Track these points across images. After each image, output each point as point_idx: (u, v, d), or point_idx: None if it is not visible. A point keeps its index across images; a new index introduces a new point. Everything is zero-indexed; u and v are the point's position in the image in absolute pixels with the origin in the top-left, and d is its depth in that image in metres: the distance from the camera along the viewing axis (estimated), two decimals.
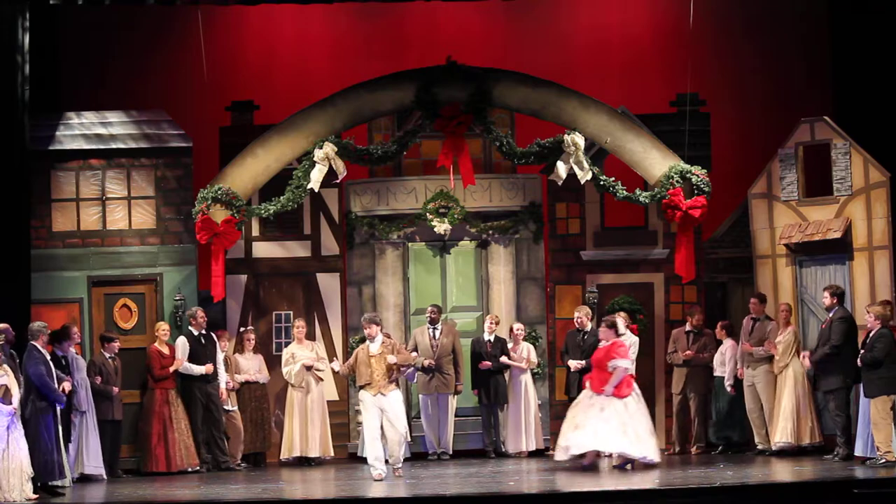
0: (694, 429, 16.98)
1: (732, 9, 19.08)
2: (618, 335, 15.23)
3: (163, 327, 16.50)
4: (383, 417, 14.53)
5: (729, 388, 16.70)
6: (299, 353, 16.95)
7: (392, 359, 14.54)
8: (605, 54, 19.38)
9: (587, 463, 14.92)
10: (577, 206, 17.91)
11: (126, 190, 17.18)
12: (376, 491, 14.02)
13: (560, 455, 14.99)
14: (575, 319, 17.02)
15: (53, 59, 18.44)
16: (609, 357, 14.98)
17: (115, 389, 15.94)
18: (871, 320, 14.71)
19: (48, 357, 14.20)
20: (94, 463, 15.57)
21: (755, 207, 17.29)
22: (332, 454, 16.99)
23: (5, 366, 13.65)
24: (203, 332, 16.52)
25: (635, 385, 15.18)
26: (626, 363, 15.02)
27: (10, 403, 13.53)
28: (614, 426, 14.76)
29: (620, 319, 15.65)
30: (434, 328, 16.97)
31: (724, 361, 16.81)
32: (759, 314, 16.60)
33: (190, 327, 16.50)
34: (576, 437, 14.87)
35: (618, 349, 15.04)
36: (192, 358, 16.38)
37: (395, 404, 14.62)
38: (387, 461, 14.74)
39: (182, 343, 16.40)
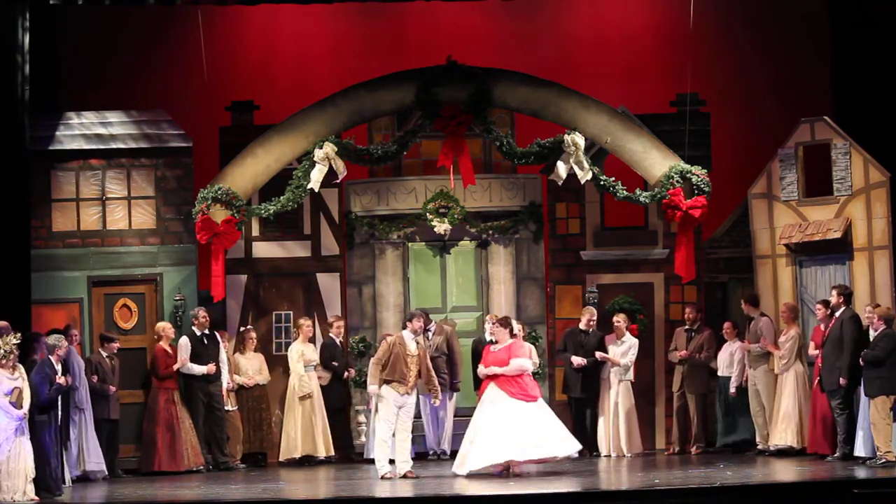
0: (694, 429, 16.97)
1: (732, 9, 19.08)
2: (513, 335, 15.10)
3: (167, 328, 16.50)
4: (397, 417, 14.70)
5: (732, 390, 16.68)
6: (307, 352, 16.93)
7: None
8: (605, 54, 19.37)
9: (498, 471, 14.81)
10: (577, 206, 17.90)
11: (126, 190, 17.18)
12: (376, 491, 14.04)
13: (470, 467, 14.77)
14: (588, 320, 17.02)
15: (53, 59, 18.43)
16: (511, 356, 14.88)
17: (112, 389, 15.93)
18: (875, 320, 14.71)
19: (58, 372, 14.15)
20: (95, 460, 15.57)
21: (755, 207, 17.29)
22: (333, 453, 16.98)
23: (21, 368, 13.66)
24: (206, 332, 16.52)
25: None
26: (528, 363, 14.96)
27: (21, 408, 13.54)
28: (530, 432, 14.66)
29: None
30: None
31: (732, 363, 16.79)
32: (752, 313, 16.61)
33: (193, 327, 16.49)
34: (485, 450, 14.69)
35: (520, 349, 14.97)
36: (194, 358, 16.37)
37: (413, 403, 14.98)
38: (391, 461, 14.79)
39: (184, 343, 16.40)
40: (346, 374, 17.02)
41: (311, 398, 16.86)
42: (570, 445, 14.84)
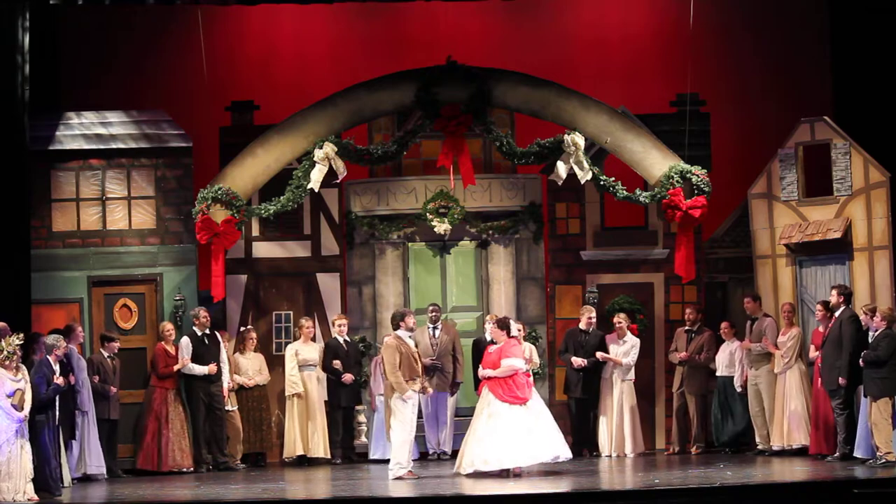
0: (694, 429, 16.98)
1: (732, 9, 19.08)
2: (510, 336, 14.93)
3: (167, 327, 16.51)
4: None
5: (739, 389, 16.68)
6: (304, 352, 16.92)
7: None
8: (605, 54, 19.38)
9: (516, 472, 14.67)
10: (577, 206, 17.91)
11: (126, 190, 17.19)
12: (376, 491, 14.04)
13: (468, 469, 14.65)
14: (587, 319, 17.02)
15: (53, 59, 18.44)
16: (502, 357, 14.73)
17: (113, 389, 15.94)
18: (878, 320, 14.70)
19: (56, 372, 14.15)
20: (96, 463, 15.59)
21: (755, 207, 17.29)
22: (331, 454, 16.96)
23: (25, 370, 13.65)
24: (207, 331, 16.52)
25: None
26: (518, 362, 14.76)
27: (23, 410, 13.54)
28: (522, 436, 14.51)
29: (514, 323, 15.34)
30: (434, 327, 16.98)
31: (732, 363, 16.79)
32: (755, 313, 16.61)
33: (193, 327, 16.50)
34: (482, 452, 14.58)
35: (511, 348, 14.79)
36: (195, 358, 16.37)
37: (417, 401, 14.91)
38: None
39: (185, 343, 16.40)
40: (343, 377, 16.95)
41: (301, 398, 16.82)
42: (557, 450, 14.68)
